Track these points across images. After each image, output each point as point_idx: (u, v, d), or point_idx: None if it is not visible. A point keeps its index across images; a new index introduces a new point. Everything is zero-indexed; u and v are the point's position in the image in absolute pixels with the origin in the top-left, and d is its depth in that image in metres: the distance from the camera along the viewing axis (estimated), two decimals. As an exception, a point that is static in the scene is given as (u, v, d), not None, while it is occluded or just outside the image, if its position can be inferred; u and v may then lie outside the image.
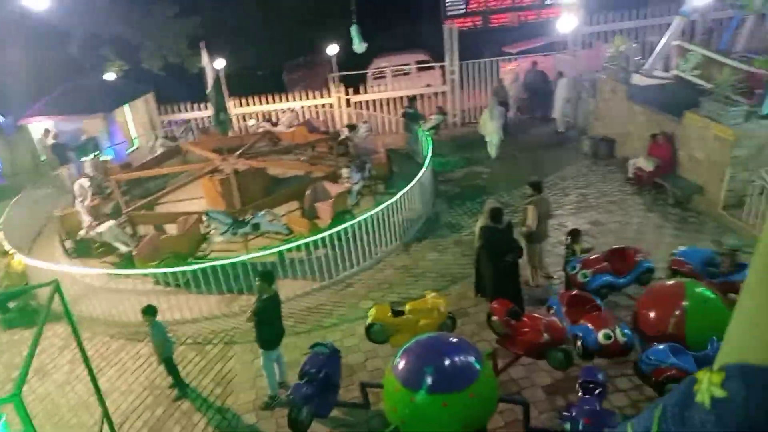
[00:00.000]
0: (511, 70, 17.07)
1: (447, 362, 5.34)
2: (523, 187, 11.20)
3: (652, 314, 6.35)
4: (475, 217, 10.16)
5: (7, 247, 10.29)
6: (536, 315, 6.73)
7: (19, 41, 17.46)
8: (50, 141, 15.78)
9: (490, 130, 14.00)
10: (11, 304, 9.61)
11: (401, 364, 5.44)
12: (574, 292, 7.19)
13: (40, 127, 16.38)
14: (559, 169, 13.07)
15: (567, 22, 14.88)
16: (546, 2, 19.72)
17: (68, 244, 11.56)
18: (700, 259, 7.42)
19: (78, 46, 18.99)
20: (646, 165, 11.21)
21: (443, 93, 17.47)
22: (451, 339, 5.90)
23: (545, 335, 6.38)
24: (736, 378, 0.53)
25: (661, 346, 5.82)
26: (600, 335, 6.27)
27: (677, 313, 6.10)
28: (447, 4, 19.03)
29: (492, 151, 14.15)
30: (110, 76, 19.34)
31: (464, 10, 19.28)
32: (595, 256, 7.90)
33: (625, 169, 12.08)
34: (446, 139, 16.09)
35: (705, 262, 7.38)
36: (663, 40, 13.03)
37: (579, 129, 14.88)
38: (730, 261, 7.19)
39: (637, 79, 12.82)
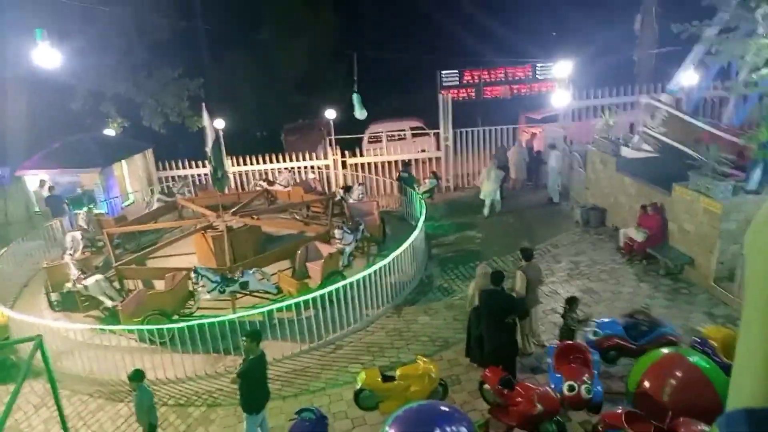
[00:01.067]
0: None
1: (438, 432, 5.17)
2: (515, 252, 11.30)
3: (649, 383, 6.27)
4: (468, 281, 10.13)
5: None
6: (530, 385, 6.58)
7: (23, 94, 17.87)
8: (45, 192, 15.81)
9: (487, 190, 14.32)
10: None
11: (391, 433, 5.26)
12: (571, 342, 7.19)
13: (36, 178, 16.46)
14: (551, 236, 13.19)
15: (560, 97, 15.45)
16: (537, 77, 20.56)
17: (54, 296, 11.35)
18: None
19: (80, 101, 19.42)
20: (637, 235, 11.34)
21: (437, 158, 17.85)
22: (442, 408, 5.75)
23: (538, 406, 6.22)
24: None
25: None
26: (565, 386, 6.44)
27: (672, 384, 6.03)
28: (442, 76, 19.78)
29: (485, 210, 14.40)
30: (110, 131, 19.67)
31: (458, 82, 20.02)
32: (611, 319, 8.11)
33: (616, 238, 12.20)
34: (440, 203, 16.29)
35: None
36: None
37: (571, 198, 15.13)
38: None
39: (626, 152, 13.19)
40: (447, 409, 5.74)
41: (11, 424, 7.84)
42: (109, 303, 10.39)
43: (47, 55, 10.91)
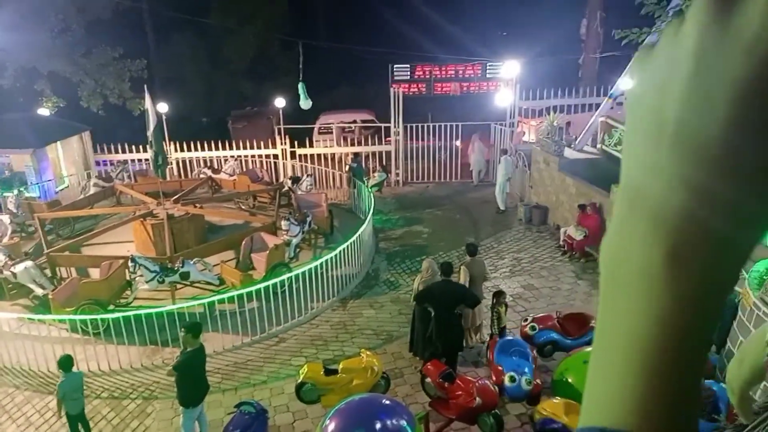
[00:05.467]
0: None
1: (378, 426, 5.21)
2: (460, 248, 11.49)
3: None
4: (414, 275, 10.22)
5: None
6: (469, 378, 6.72)
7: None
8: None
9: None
10: None
11: (331, 426, 5.25)
12: (509, 338, 7.59)
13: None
14: (496, 232, 13.48)
15: (505, 96, 15.76)
16: (487, 76, 20.91)
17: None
18: None
19: (11, 78, 18.27)
20: (576, 234, 11.74)
21: (387, 152, 17.89)
22: (383, 401, 5.79)
23: (478, 399, 6.36)
24: None
25: None
26: (506, 377, 6.89)
27: None
28: (394, 70, 19.80)
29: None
30: (44, 111, 18.62)
31: (410, 77, 20.10)
32: (548, 315, 8.32)
33: (558, 235, 12.61)
34: (388, 197, 16.35)
35: None
36: (592, 119, 14.03)
37: (516, 196, 15.47)
38: None
39: (569, 153, 13.63)
40: (388, 402, 5.79)
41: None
42: (39, 291, 9.89)
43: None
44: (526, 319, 8.35)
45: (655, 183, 0.41)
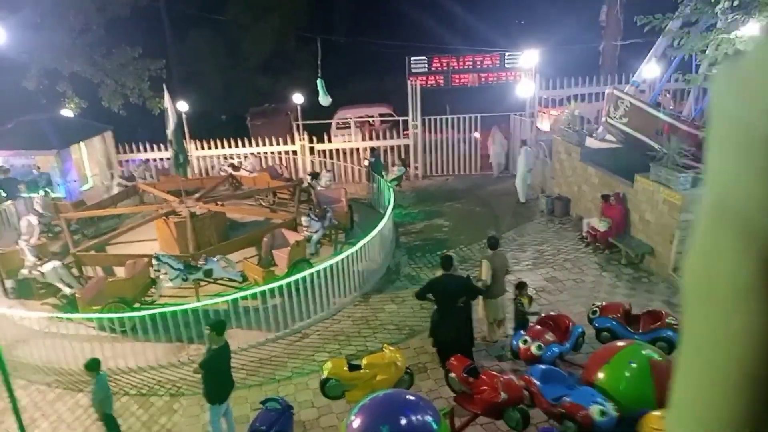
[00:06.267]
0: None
1: (404, 421, 5.20)
2: (482, 241, 11.40)
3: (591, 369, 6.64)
4: (435, 269, 10.17)
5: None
6: (494, 373, 6.67)
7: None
8: (1, 175, 15.14)
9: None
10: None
11: (356, 423, 5.27)
12: (555, 313, 8.05)
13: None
14: (517, 225, 13.36)
15: (525, 87, 15.55)
16: (506, 66, 20.68)
17: (8, 283, 10.92)
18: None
19: (34, 80, 18.58)
20: (599, 225, 11.58)
21: (406, 146, 17.82)
22: (408, 396, 5.77)
23: (503, 394, 6.31)
24: None
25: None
26: (519, 341, 7.40)
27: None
28: (411, 62, 19.70)
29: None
30: (67, 112, 18.92)
31: (427, 69, 19.99)
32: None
33: (580, 227, 12.44)
34: (408, 191, 16.30)
35: None
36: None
37: (537, 188, 15.29)
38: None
39: (591, 142, 13.41)
40: (412, 398, 5.77)
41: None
42: (67, 290, 10.06)
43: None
44: (525, 341, 7.64)
45: (747, 199, 0.39)
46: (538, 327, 7.70)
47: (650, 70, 13.64)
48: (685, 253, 0.48)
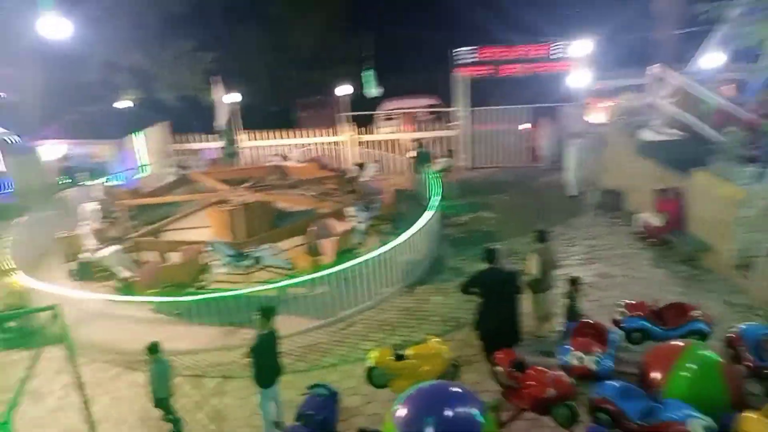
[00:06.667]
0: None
1: (449, 413, 5.19)
2: (530, 234, 11.20)
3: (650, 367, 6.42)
4: (480, 262, 10.07)
5: (11, 265, 10.22)
6: (542, 368, 6.58)
7: (37, 65, 17.84)
8: (62, 163, 15.92)
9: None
10: (10, 324, 9.47)
11: (401, 412, 5.29)
12: (590, 321, 7.43)
13: (52, 149, 16.54)
14: (567, 218, 13.08)
15: (579, 77, 15.13)
16: (556, 56, 20.15)
17: (71, 266, 11.49)
18: (754, 341, 6.93)
19: (95, 72, 19.39)
20: (654, 220, 11.20)
21: (453, 137, 17.69)
22: (454, 388, 5.75)
23: (551, 390, 6.23)
24: None
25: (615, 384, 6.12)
26: (572, 357, 6.82)
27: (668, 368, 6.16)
28: (459, 53, 19.46)
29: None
30: (125, 103, 19.67)
31: (475, 60, 19.69)
32: (641, 302, 7.98)
33: (632, 221, 12.07)
34: (454, 182, 16.19)
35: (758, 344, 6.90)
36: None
37: (588, 181, 14.89)
38: None
39: (646, 134, 12.96)
40: (458, 390, 5.75)
41: (32, 389, 8.01)
42: (125, 274, 10.51)
43: (55, 25, 10.57)
44: (620, 307, 8.02)
45: None
46: (581, 338, 7.33)
47: (708, 59, 13.03)
48: (744, 251, 0.46)
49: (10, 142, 17.54)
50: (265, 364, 6.69)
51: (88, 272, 11.12)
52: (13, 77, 17.90)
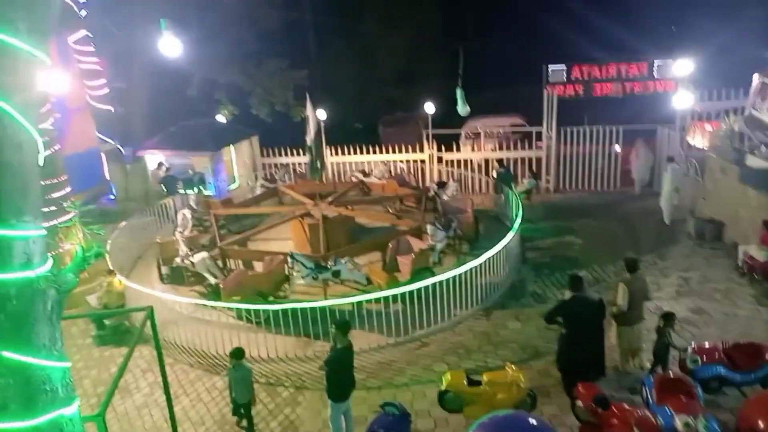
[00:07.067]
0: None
1: (525, 446, 4.97)
2: (618, 262, 10.63)
3: (756, 421, 5.71)
4: (564, 289, 9.66)
5: (110, 267, 11.02)
6: (627, 407, 6.16)
7: (145, 81, 19.37)
8: (162, 173, 17.06)
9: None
10: (107, 322, 10.19)
11: (475, 440, 5.12)
12: (672, 374, 6.62)
13: (154, 159, 17.79)
14: (659, 247, 12.29)
15: (680, 98, 14.25)
16: (654, 75, 19.16)
17: (164, 270, 12.22)
18: None
19: (196, 89, 20.76)
20: (759, 254, 10.27)
21: (538, 158, 17.22)
22: (531, 420, 5.50)
23: (636, 430, 5.80)
24: None
25: None
26: (678, 420, 5.74)
27: None
28: (549, 71, 18.98)
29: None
30: (221, 118, 20.86)
31: (566, 78, 19.11)
32: (713, 344, 7.29)
33: (734, 254, 11.12)
34: (538, 204, 15.72)
35: None
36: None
37: (685, 208, 13.90)
38: None
39: (752, 161, 11.94)
40: (535, 422, 5.49)
41: (122, 384, 8.55)
42: (212, 280, 11.01)
43: (170, 44, 11.70)
44: (686, 350, 7.27)
45: None
46: (673, 396, 6.44)
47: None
48: None
49: (119, 150, 19.09)
50: (339, 378, 6.74)
51: (180, 276, 11.78)
52: (125, 91, 19.53)
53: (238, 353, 7.23)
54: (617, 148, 16.53)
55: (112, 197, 18.51)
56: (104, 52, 17.92)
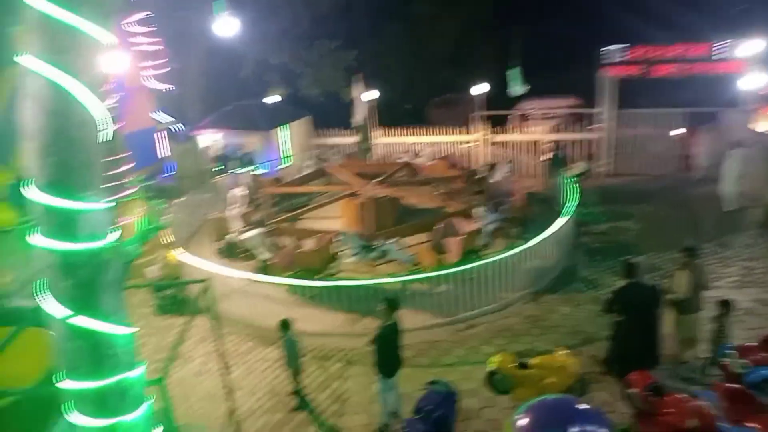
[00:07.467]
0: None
1: (576, 430, 4.90)
2: (676, 250, 10.24)
3: None
4: (616, 275, 9.42)
5: (170, 240, 11.46)
6: (682, 396, 5.98)
7: (201, 62, 19.83)
8: (217, 151, 17.54)
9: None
10: (166, 293, 10.65)
11: (524, 423, 5.09)
12: (737, 386, 6.31)
13: (209, 138, 18.29)
14: (721, 235, 11.78)
15: (747, 80, 13.50)
16: (718, 56, 18.18)
17: (218, 245, 12.62)
18: None
19: (249, 70, 21.09)
20: (832, 244, 9.70)
21: (592, 140, 16.73)
22: (581, 405, 5.41)
23: (692, 420, 5.63)
24: None
25: None
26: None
27: None
28: (606, 52, 18.31)
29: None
30: (273, 98, 21.18)
31: (624, 59, 18.38)
32: (749, 345, 6.77)
33: (804, 245, 10.56)
34: (592, 188, 15.29)
35: None
36: None
37: (749, 196, 13.24)
38: None
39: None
40: (586, 408, 5.41)
41: (181, 351, 8.93)
42: (263, 256, 11.31)
43: (227, 25, 11.91)
44: (728, 354, 6.62)
45: None
46: (755, 344, 6.40)
47: None
48: None
49: (174, 130, 19.70)
50: (387, 354, 6.83)
51: (233, 252, 12.14)
52: (181, 71, 20.07)
53: (284, 324, 7.44)
54: (679, 131, 15.85)
55: (171, 174, 19.16)
56: (161, 33, 18.43)
